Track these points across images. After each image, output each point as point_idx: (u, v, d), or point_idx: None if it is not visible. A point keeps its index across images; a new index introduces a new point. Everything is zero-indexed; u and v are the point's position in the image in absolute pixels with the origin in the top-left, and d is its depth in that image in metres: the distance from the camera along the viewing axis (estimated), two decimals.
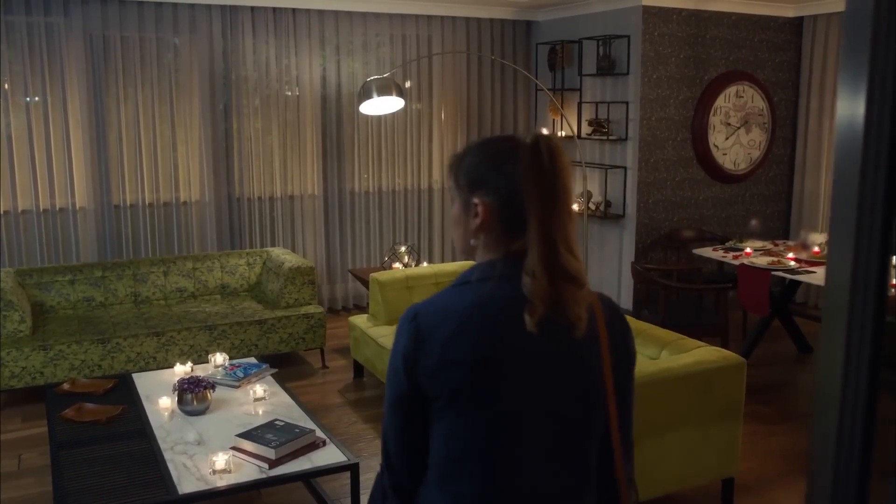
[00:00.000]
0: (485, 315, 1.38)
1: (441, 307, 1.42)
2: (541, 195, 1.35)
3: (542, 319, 1.34)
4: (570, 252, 1.36)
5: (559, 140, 1.50)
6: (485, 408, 1.38)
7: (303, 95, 6.70)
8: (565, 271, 1.35)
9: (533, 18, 7.39)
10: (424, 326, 1.40)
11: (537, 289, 1.34)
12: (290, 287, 5.51)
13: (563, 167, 1.37)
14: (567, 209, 1.37)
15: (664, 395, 3.28)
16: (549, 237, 1.35)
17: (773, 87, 7.02)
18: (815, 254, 5.46)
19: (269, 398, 3.90)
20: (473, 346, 1.37)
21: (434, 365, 1.38)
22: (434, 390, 1.39)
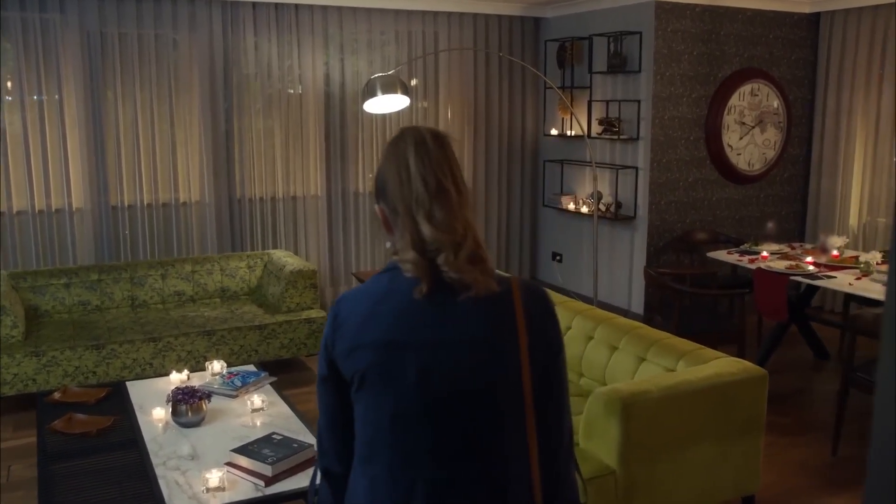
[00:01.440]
0: (392, 302, 1.42)
1: (360, 293, 1.48)
2: (401, 183, 1.41)
3: (433, 295, 1.37)
4: (440, 227, 1.37)
5: (426, 130, 1.52)
6: (390, 392, 1.40)
7: (306, 94, 6.54)
8: (435, 242, 1.37)
9: (542, 15, 7.21)
10: (342, 312, 1.47)
11: (413, 267, 1.38)
12: (292, 291, 5.35)
13: (420, 150, 1.41)
14: (439, 191, 1.39)
15: (682, 410, 3.11)
16: (413, 219, 1.38)
17: (789, 84, 6.84)
18: (834, 257, 5.27)
19: (267, 408, 3.75)
20: (380, 331, 1.41)
21: (346, 348, 1.43)
22: (347, 373, 1.44)
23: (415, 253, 1.39)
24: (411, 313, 1.40)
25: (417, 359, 1.39)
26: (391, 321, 1.41)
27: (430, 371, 1.39)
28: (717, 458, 3.23)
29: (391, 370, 1.40)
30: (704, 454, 3.20)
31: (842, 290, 4.79)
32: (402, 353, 1.40)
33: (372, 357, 1.41)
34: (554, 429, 1.47)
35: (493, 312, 1.41)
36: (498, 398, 1.41)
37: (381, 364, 1.40)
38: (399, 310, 1.41)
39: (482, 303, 1.39)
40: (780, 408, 4.77)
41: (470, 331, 1.40)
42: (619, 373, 3.69)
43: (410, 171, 1.41)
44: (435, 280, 1.39)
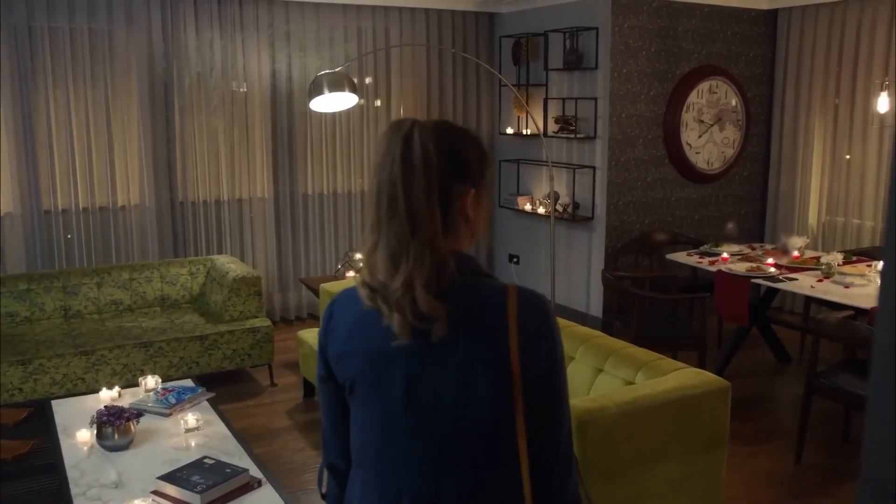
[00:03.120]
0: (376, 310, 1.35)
1: (353, 294, 1.40)
2: (371, 191, 1.35)
3: (403, 325, 1.30)
4: (397, 257, 1.29)
5: (406, 126, 1.37)
6: (378, 402, 1.37)
7: (251, 92, 6.27)
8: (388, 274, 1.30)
9: (496, 10, 7.02)
10: (336, 312, 1.43)
11: (361, 294, 1.34)
12: (235, 299, 5.09)
13: (392, 154, 1.31)
14: (403, 206, 1.29)
15: (641, 426, 2.93)
16: (376, 237, 1.32)
17: (747, 82, 6.72)
18: (795, 259, 5.16)
19: (202, 428, 3.50)
20: (368, 339, 1.36)
21: (337, 353, 1.41)
22: (339, 377, 1.41)
23: (364, 287, 1.34)
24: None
25: (406, 369, 1.34)
26: (380, 328, 1.33)
27: (419, 382, 1.34)
28: (679, 477, 3.05)
29: (379, 380, 1.36)
30: (666, 473, 3.02)
31: (805, 294, 4.66)
32: (391, 362, 1.35)
33: (360, 366, 1.37)
34: (548, 443, 1.39)
35: (485, 322, 1.33)
36: (487, 412, 1.34)
37: (369, 373, 1.37)
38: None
39: (475, 312, 1.33)
40: (743, 414, 4.63)
41: (461, 341, 1.32)
42: (575, 385, 3.50)
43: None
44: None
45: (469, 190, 1.37)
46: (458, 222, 1.37)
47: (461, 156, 1.37)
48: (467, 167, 1.38)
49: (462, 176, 1.37)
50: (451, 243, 1.36)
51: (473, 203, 1.39)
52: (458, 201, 1.37)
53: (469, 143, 1.40)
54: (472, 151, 1.39)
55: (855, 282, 4.60)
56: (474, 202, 1.40)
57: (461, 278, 1.33)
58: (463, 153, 1.37)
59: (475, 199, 1.40)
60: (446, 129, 1.39)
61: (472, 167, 1.39)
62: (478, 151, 1.41)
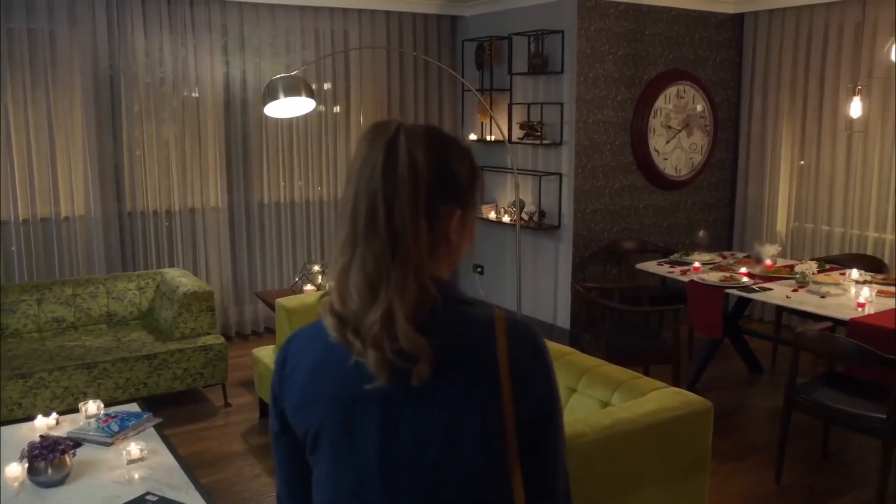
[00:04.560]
0: (343, 347, 1.15)
1: (313, 331, 1.21)
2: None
3: (381, 364, 1.10)
4: (372, 284, 1.10)
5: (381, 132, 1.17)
6: (349, 456, 1.17)
7: (203, 97, 5.98)
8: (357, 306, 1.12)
9: (459, 13, 6.82)
10: (293, 354, 1.23)
11: (327, 326, 1.15)
12: (186, 315, 4.81)
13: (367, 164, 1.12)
14: (378, 224, 1.10)
15: (621, 452, 2.73)
16: (349, 257, 1.13)
17: (715, 87, 6.60)
18: (767, 267, 5.01)
19: (147, 458, 3.24)
20: (335, 381, 1.16)
21: (296, 401, 1.21)
22: (299, 431, 1.21)
23: (330, 316, 1.15)
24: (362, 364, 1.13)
25: (380, 415, 1.14)
26: (349, 368, 1.13)
27: (396, 432, 1.14)
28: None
29: (348, 431, 1.16)
30: (646, 501, 2.82)
31: (781, 305, 4.51)
32: (362, 408, 1.15)
33: (326, 414, 1.17)
34: (546, 493, 1.21)
35: (471, 360, 1.14)
36: (477, 464, 1.14)
37: (336, 424, 1.16)
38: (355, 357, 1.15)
39: (460, 347, 1.14)
40: (718, 429, 4.43)
41: (445, 382, 1.12)
42: None
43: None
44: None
45: (455, 211, 1.17)
46: (438, 245, 1.17)
47: (451, 171, 1.17)
48: (456, 185, 1.17)
49: (450, 195, 1.16)
50: (431, 268, 1.16)
51: (458, 226, 1.19)
52: (441, 222, 1.16)
53: (460, 155, 1.20)
54: (464, 166, 1.19)
55: (830, 291, 4.46)
56: (459, 225, 1.19)
57: (444, 308, 1.14)
58: (453, 168, 1.17)
59: (461, 222, 1.19)
60: (436, 136, 1.18)
61: (462, 185, 1.18)
62: (469, 166, 1.21)
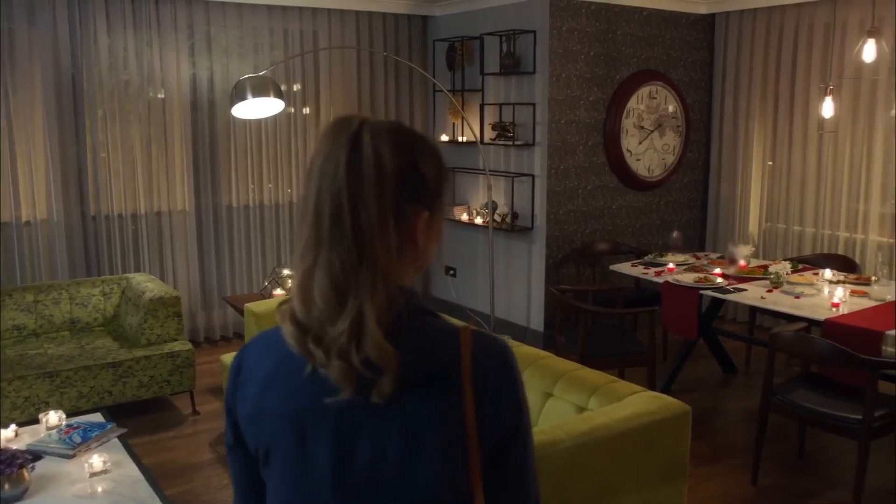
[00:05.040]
0: (299, 357, 1.08)
1: (268, 340, 1.15)
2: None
3: (347, 375, 1.04)
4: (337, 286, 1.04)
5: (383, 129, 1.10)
6: (300, 474, 1.10)
7: (169, 98, 5.86)
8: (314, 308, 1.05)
9: (429, 13, 6.75)
10: (248, 362, 1.17)
11: (286, 334, 1.08)
12: (152, 321, 4.69)
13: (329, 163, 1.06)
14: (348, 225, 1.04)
15: (598, 459, 2.67)
16: (312, 261, 1.06)
17: (687, 87, 6.59)
18: (741, 268, 4.99)
19: (110, 471, 3.14)
20: (288, 393, 1.10)
21: (249, 413, 1.14)
22: (251, 444, 1.15)
23: (291, 324, 1.08)
24: (318, 376, 1.07)
25: (335, 431, 1.08)
26: (304, 380, 1.08)
27: (351, 450, 1.08)
28: None
29: (300, 448, 1.09)
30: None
31: (756, 306, 4.49)
32: (316, 425, 1.09)
33: (276, 430, 1.11)
34: None
35: (433, 374, 1.08)
36: (435, 486, 1.08)
37: (288, 439, 1.10)
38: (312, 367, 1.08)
39: (422, 361, 1.07)
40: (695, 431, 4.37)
41: (404, 398, 1.05)
42: None
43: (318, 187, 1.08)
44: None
45: (422, 212, 1.11)
46: (404, 247, 1.10)
47: (418, 170, 1.10)
48: (423, 184, 1.11)
49: (416, 195, 1.10)
50: (397, 273, 1.09)
51: (425, 228, 1.12)
52: (407, 225, 1.09)
53: (428, 154, 1.14)
54: (431, 165, 1.13)
55: (804, 291, 4.45)
56: (426, 227, 1.12)
57: (409, 319, 1.08)
58: (420, 167, 1.11)
59: (427, 224, 1.12)
60: (403, 133, 1.11)
61: (429, 185, 1.12)
62: (436, 166, 1.14)
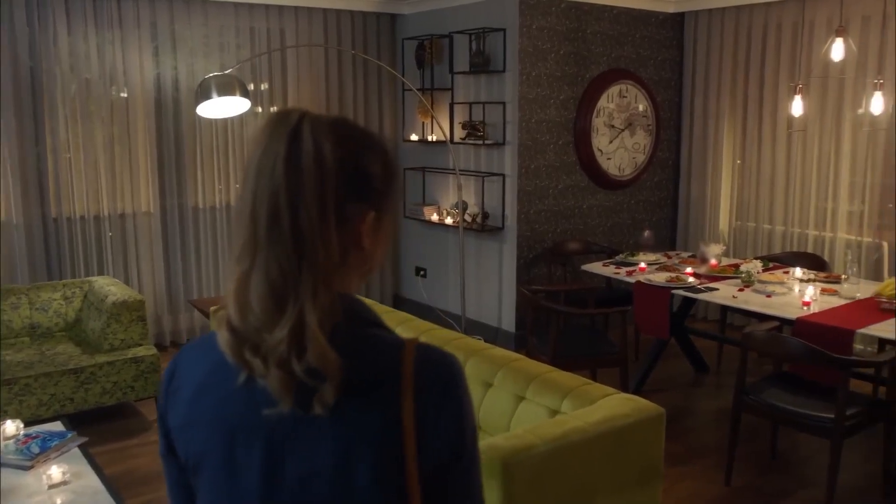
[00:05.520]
0: (231, 366, 1.02)
1: (203, 346, 1.10)
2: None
3: (287, 386, 0.97)
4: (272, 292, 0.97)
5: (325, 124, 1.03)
6: (228, 489, 1.04)
7: (133, 97, 5.73)
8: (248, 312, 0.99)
9: (398, 11, 6.68)
10: (182, 368, 1.12)
11: (222, 341, 1.01)
12: (115, 325, 4.58)
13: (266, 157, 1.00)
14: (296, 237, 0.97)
15: (573, 463, 2.63)
16: (248, 264, 0.99)
17: (657, 86, 6.58)
18: (712, 267, 4.98)
19: (70, 482, 3.04)
20: (219, 403, 1.04)
21: (180, 421, 1.09)
22: (182, 453, 1.09)
23: (227, 331, 1.01)
24: (253, 386, 1.01)
25: (265, 447, 1.02)
26: (237, 391, 1.02)
27: (280, 466, 1.02)
28: None
29: (231, 461, 1.04)
30: None
31: (727, 305, 4.47)
32: (247, 436, 1.02)
33: (207, 440, 1.05)
34: None
35: (372, 389, 1.00)
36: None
37: (216, 452, 1.04)
38: (248, 375, 1.02)
39: (361, 374, 1.00)
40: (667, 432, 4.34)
41: (339, 412, 0.99)
42: (494, 415, 3.18)
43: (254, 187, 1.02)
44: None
45: (368, 213, 1.04)
46: (349, 251, 1.04)
47: (363, 167, 1.04)
48: (369, 183, 1.05)
49: (361, 194, 1.04)
50: (341, 278, 1.03)
51: (371, 230, 1.06)
52: (351, 225, 1.03)
53: (374, 150, 1.07)
54: (377, 163, 1.07)
55: (776, 290, 4.44)
56: (372, 229, 1.06)
57: (348, 328, 1.02)
58: (365, 163, 1.04)
59: (374, 226, 1.06)
60: (346, 128, 1.05)
61: (375, 184, 1.06)
62: (384, 164, 1.08)
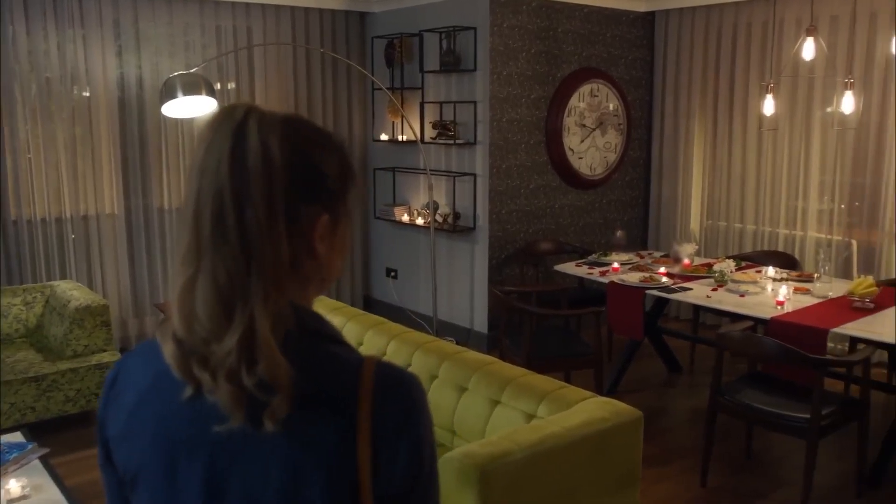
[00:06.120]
0: (174, 376, 0.95)
1: (147, 352, 1.02)
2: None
3: (238, 400, 0.90)
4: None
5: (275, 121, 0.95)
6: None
7: (95, 96, 5.59)
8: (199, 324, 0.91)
9: (367, 9, 6.60)
10: (124, 375, 1.04)
11: (166, 353, 0.94)
12: (79, 331, 4.45)
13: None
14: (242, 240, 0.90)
15: (551, 469, 2.58)
16: (193, 270, 0.92)
17: (628, 85, 6.57)
18: (685, 266, 4.97)
19: (30, 496, 2.93)
20: (160, 416, 0.97)
21: (119, 431, 1.01)
22: (120, 466, 1.02)
23: (172, 343, 0.93)
24: (198, 401, 0.93)
25: (207, 466, 0.94)
26: (180, 404, 0.95)
27: (223, 487, 0.94)
28: None
29: (171, 479, 0.96)
30: None
31: (701, 305, 4.45)
32: (188, 455, 0.95)
33: (146, 455, 0.97)
34: None
35: (326, 409, 0.93)
36: None
37: (158, 468, 0.96)
38: (184, 388, 0.95)
39: (310, 392, 0.92)
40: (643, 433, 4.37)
41: (287, 432, 0.91)
42: (469, 420, 3.12)
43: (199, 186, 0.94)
44: None
45: (321, 215, 0.97)
46: (301, 257, 0.97)
47: (315, 165, 0.96)
48: (321, 183, 0.97)
49: (313, 195, 0.96)
50: (296, 289, 0.97)
51: (326, 234, 0.98)
52: (302, 228, 0.95)
53: (328, 148, 1.00)
54: (332, 161, 1.00)
55: (749, 290, 4.43)
56: (328, 233, 0.98)
57: (302, 340, 0.95)
58: (318, 161, 0.97)
59: (329, 230, 0.98)
60: (297, 125, 0.98)
61: (329, 184, 0.98)
62: (339, 162, 1.00)
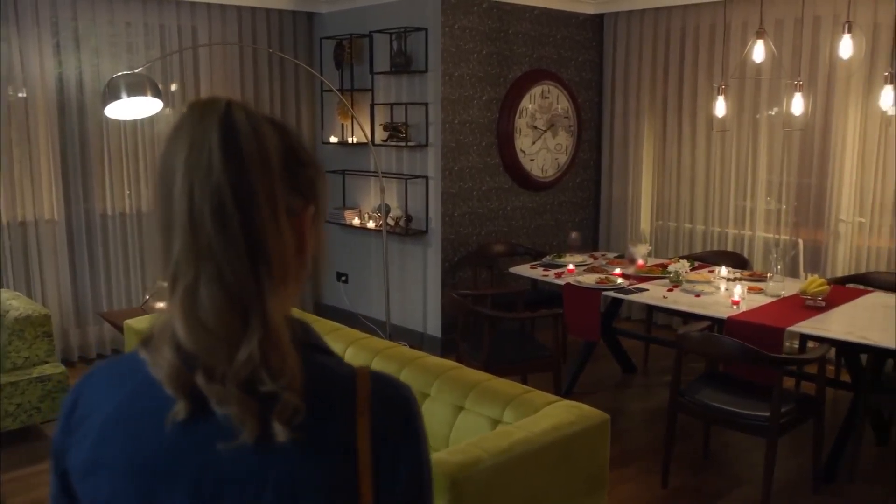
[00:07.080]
0: (157, 397, 0.86)
1: (112, 373, 0.95)
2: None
3: (254, 417, 0.82)
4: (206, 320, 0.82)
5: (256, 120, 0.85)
6: None
7: (32, 98, 5.38)
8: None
9: (315, 10, 6.49)
10: (86, 399, 0.94)
11: (162, 367, 0.85)
12: (18, 343, 4.27)
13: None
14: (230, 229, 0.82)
15: (519, 476, 2.53)
16: (194, 272, 0.84)
17: (578, 87, 6.59)
18: (639, 267, 4.98)
19: None
20: (133, 446, 0.88)
21: (83, 462, 0.91)
22: (84, 501, 0.92)
23: (172, 354, 0.85)
24: (186, 422, 0.85)
25: (192, 493, 0.86)
26: (152, 431, 0.87)
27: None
28: None
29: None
30: None
31: (658, 306, 4.47)
32: (168, 483, 0.87)
33: (118, 486, 0.88)
34: None
35: (320, 426, 0.87)
36: None
37: (131, 499, 0.88)
38: (165, 412, 0.85)
39: (310, 408, 0.86)
40: None
41: (276, 456, 0.85)
42: (433, 427, 3.06)
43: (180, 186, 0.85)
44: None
45: (308, 207, 0.91)
46: (296, 252, 0.91)
47: (299, 155, 0.91)
48: (305, 173, 0.92)
49: (301, 186, 0.91)
50: (291, 288, 0.90)
51: (312, 227, 0.92)
52: (297, 221, 0.90)
53: (302, 139, 0.95)
54: (306, 153, 0.95)
55: (704, 290, 4.46)
56: (313, 226, 0.93)
57: (296, 353, 0.88)
58: (299, 151, 0.92)
59: (314, 223, 0.93)
60: (273, 117, 0.92)
61: (310, 174, 0.93)
62: (310, 155, 0.95)
